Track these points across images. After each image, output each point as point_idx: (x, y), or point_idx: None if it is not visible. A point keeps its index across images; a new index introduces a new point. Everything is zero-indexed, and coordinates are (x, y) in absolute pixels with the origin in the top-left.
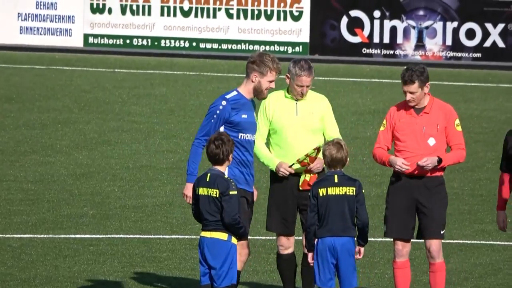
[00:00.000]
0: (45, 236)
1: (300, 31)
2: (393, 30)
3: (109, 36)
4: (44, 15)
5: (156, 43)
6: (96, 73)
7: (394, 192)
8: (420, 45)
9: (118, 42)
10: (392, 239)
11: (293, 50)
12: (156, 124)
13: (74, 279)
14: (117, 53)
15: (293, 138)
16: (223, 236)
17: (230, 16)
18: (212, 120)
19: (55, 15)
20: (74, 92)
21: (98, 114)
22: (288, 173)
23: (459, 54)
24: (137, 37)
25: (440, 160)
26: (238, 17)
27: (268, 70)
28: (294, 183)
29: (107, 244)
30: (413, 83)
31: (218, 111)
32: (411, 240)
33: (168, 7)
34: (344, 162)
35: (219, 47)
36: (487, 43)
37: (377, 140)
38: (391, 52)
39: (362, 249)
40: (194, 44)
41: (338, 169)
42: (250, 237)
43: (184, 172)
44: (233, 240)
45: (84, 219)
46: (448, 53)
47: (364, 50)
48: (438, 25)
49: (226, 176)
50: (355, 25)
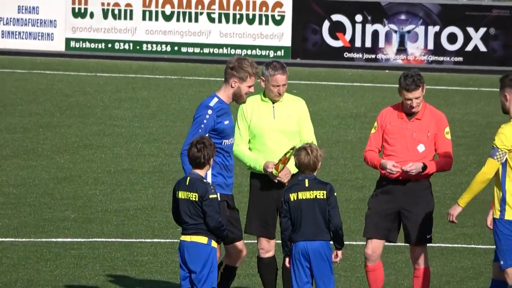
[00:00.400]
0: (27, 240)
1: (282, 35)
2: (375, 34)
3: (91, 40)
4: (26, 19)
5: (138, 47)
6: (78, 77)
7: (377, 195)
8: (402, 49)
9: (100, 46)
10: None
11: (275, 54)
12: (138, 128)
13: (56, 283)
14: (99, 57)
15: (272, 141)
16: (203, 240)
17: (212, 20)
18: (200, 130)
19: (37, 19)
20: (56, 96)
21: (80, 118)
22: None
23: (441, 58)
24: (119, 41)
25: (425, 167)
26: (220, 21)
27: (248, 76)
28: (274, 186)
29: (89, 248)
30: (418, 88)
31: (205, 121)
32: (394, 244)
33: (150, 12)
34: (313, 167)
35: (201, 51)
36: (469, 47)
37: (368, 143)
38: (373, 56)
39: (340, 252)
40: (176, 48)
41: (309, 174)
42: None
43: (166, 176)
44: (213, 244)
45: (66, 223)
46: (430, 57)
47: (346, 54)
48: (420, 29)
49: (205, 180)
50: (337, 29)
